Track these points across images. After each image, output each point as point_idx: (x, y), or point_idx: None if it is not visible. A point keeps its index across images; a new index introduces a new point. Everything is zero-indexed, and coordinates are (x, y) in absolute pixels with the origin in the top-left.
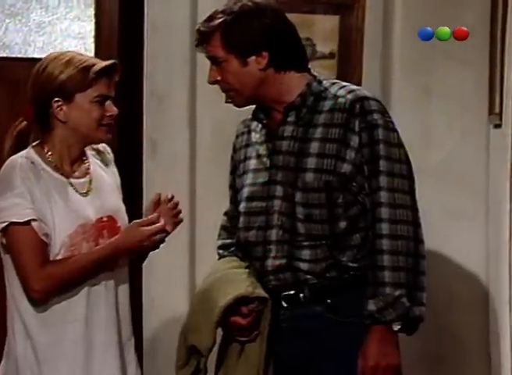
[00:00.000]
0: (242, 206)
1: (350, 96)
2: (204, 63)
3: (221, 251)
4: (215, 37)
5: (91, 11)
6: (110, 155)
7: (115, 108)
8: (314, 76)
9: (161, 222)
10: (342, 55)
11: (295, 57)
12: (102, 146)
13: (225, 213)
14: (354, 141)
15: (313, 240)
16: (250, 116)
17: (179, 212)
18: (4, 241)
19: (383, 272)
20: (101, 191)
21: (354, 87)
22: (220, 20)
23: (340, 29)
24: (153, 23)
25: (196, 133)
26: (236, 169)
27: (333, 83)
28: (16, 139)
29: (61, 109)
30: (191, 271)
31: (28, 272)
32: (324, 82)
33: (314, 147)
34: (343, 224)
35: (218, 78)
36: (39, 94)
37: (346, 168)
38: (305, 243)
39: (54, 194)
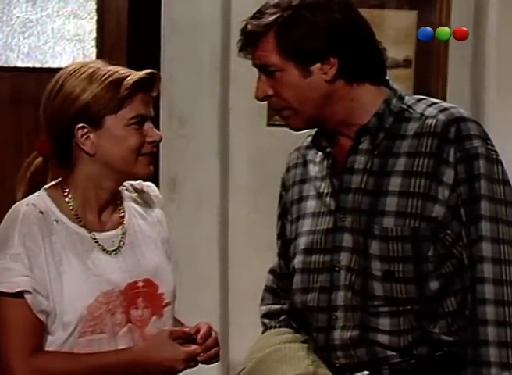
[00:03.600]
0: (297, 261)
1: (442, 116)
2: (239, 74)
3: (267, 321)
4: (267, 39)
5: (92, 6)
6: (156, 198)
7: (157, 132)
8: (395, 91)
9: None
10: (420, 63)
11: (371, 64)
12: (146, 185)
13: (272, 271)
14: (448, 175)
15: (394, 305)
16: (305, 143)
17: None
18: None
19: (487, 348)
20: (138, 246)
21: (447, 104)
22: (274, 17)
23: (418, 28)
24: (173, 23)
25: (228, 166)
26: (287, 213)
27: (419, 100)
28: (31, 183)
29: (87, 138)
30: (224, 346)
31: (12, 358)
32: (407, 98)
33: (395, 183)
34: (434, 285)
35: (270, 93)
36: (56, 121)
37: (437, 211)
38: (383, 309)
39: (68, 254)
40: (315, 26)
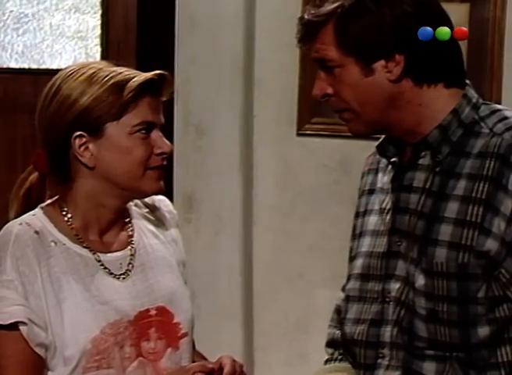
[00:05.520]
0: (352, 287)
1: (508, 135)
2: (265, 77)
3: (330, 351)
4: (326, 31)
5: None
6: (170, 214)
7: (167, 142)
8: (469, 99)
9: None
10: (472, 61)
11: (446, 64)
12: (158, 199)
13: (344, 289)
14: (506, 205)
15: (438, 349)
16: None
17: None
18: None
19: None
20: (150, 269)
21: None
22: (335, 6)
23: (471, 23)
24: (190, 19)
25: (252, 183)
26: (356, 227)
27: (494, 111)
28: (25, 201)
29: (86, 149)
30: None
31: None
32: (482, 108)
33: (452, 209)
34: (483, 330)
35: (329, 91)
36: (52, 129)
37: (490, 245)
38: (428, 352)
39: (69, 279)
40: (380, 19)
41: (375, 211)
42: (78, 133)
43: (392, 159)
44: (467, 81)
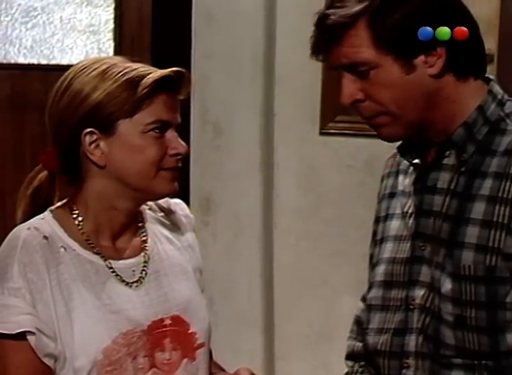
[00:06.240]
0: (375, 296)
1: None
2: (286, 74)
3: (350, 363)
4: (356, 32)
5: None
6: (187, 218)
7: (182, 143)
8: (494, 95)
9: None
10: (504, 58)
11: (477, 55)
12: (174, 203)
13: (364, 298)
14: None
15: (467, 357)
16: None
17: None
18: None
19: None
20: (164, 276)
21: None
22: (365, 4)
23: (502, 17)
24: (207, 13)
25: (273, 184)
26: (376, 232)
27: None
28: (33, 200)
29: (96, 147)
30: None
31: None
32: (508, 104)
33: (479, 209)
34: None
35: (359, 97)
36: (61, 124)
37: None
38: (456, 360)
39: (79, 287)
40: (418, 10)
41: (396, 215)
42: (89, 129)
43: (415, 161)
44: (492, 77)
